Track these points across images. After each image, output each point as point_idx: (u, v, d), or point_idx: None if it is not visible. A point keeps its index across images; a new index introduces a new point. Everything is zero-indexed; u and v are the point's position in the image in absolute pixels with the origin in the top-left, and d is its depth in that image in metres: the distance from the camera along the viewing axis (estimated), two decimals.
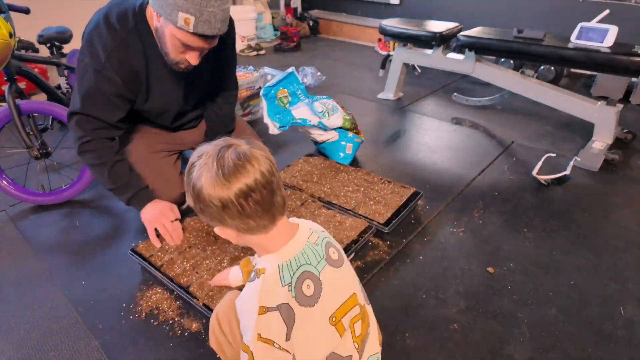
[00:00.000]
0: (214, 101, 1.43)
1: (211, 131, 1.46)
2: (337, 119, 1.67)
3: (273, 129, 1.64)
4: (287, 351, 0.65)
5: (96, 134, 1.18)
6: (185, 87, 1.28)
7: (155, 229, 1.21)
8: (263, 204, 0.64)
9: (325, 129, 1.69)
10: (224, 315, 0.78)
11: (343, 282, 0.73)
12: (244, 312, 0.70)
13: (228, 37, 1.18)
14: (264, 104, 1.65)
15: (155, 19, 1.07)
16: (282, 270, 0.66)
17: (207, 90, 1.38)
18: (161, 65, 1.17)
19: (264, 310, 0.64)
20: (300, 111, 1.66)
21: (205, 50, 1.09)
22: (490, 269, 1.13)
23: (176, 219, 1.25)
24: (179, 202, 1.41)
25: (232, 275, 1.00)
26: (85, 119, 1.15)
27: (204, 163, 0.64)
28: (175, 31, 1.02)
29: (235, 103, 1.50)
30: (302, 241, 0.70)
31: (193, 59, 1.09)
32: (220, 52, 1.22)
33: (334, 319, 0.69)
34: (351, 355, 0.71)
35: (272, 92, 1.67)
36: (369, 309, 0.80)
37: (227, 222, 0.66)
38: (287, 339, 0.65)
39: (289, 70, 1.63)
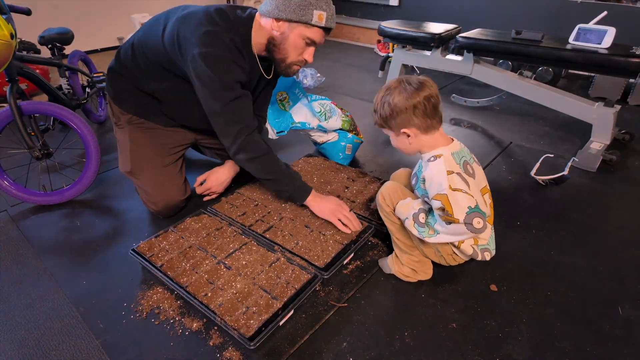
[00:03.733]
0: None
1: None
2: (336, 121, 1.68)
3: (271, 134, 1.65)
4: (471, 195, 0.95)
5: (255, 122, 1.25)
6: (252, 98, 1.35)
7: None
8: (436, 108, 1.01)
9: (325, 131, 1.70)
10: (387, 194, 1.13)
11: (481, 176, 1.07)
12: (434, 178, 0.99)
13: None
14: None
15: (274, 27, 1.17)
16: (454, 155, 1.01)
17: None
18: (252, 74, 1.28)
19: (450, 172, 0.97)
20: (300, 114, 1.67)
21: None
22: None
23: (350, 210, 1.36)
24: (180, 206, 1.43)
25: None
26: (240, 102, 1.20)
27: (394, 88, 1.01)
28: (305, 31, 1.17)
29: (262, 130, 1.57)
30: (457, 147, 1.05)
31: (311, 56, 1.24)
32: (273, 80, 1.40)
33: (481, 191, 1.04)
34: (489, 215, 1.06)
35: (272, 97, 1.68)
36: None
37: (413, 122, 1.00)
38: (469, 188, 0.96)
39: None
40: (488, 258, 1.07)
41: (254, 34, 1.22)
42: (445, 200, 0.95)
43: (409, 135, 1.03)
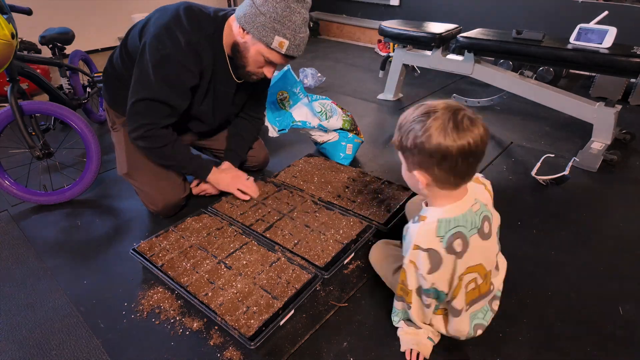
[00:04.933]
0: (243, 121, 1.54)
1: (233, 143, 1.54)
2: (336, 121, 1.68)
3: (272, 132, 1.65)
4: (426, 280, 0.81)
5: (165, 121, 1.24)
6: (232, 100, 1.39)
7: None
8: (470, 167, 0.78)
9: (325, 130, 1.70)
10: (376, 262, 1.12)
11: (482, 251, 0.85)
12: (406, 244, 0.86)
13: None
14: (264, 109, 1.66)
15: (239, 34, 1.16)
16: (440, 225, 0.80)
17: (241, 109, 1.52)
18: (222, 75, 1.28)
19: (416, 247, 0.81)
20: (300, 113, 1.67)
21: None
22: None
23: (247, 178, 1.43)
24: (181, 205, 1.43)
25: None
26: (158, 105, 1.19)
27: (437, 118, 0.75)
28: (264, 50, 1.15)
29: (259, 132, 1.61)
30: (466, 207, 0.83)
31: (270, 73, 1.23)
32: (263, 80, 1.34)
33: (461, 276, 0.82)
34: (462, 308, 0.87)
35: (273, 97, 1.68)
36: (494, 272, 0.94)
37: (433, 172, 0.79)
38: (430, 272, 0.80)
39: (284, 68, 1.63)
40: (477, 334, 0.93)
41: (225, 34, 1.22)
42: (402, 271, 0.86)
43: (421, 181, 0.83)
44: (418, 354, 0.94)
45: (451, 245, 0.79)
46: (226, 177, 1.42)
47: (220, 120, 1.45)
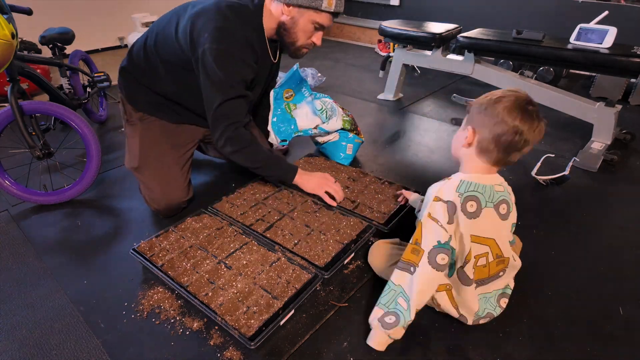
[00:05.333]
0: (262, 103, 1.62)
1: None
2: (337, 122, 1.68)
3: (274, 140, 1.65)
4: (446, 230, 0.88)
5: (245, 118, 1.28)
6: (265, 81, 1.45)
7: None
8: (510, 148, 0.86)
9: (326, 132, 1.70)
10: (375, 262, 1.15)
11: (495, 227, 0.92)
12: (427, 197, 0.94)
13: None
14: (271, 108, 1.66)
15: (284, 12, 1.24)
16: (462, 184, 0.90)
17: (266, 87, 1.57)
18: (263, 60, 1.33)
19: (437, 199, 0.89)
20: (302, 113, 1.67)
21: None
22: None
23: (335, 181, 1.45)
24: (182, 207, 1.43)
25: (413, 196, 1.36)
26: (237, 102, 1.24)
27: (517, 95, 0.86)
28: (315, 15, 1.22)
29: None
30: (490, 182, 0.91)
31: (319, 39, 1.30)
32: (278, 63, 1.45)
33: (472, 238, 0.90)
34: (472, 279, 0.94)
35: (280, 93, 1.68)
36: (511, 261, 0.99)
37: (484, 133, 0.88)
38: (449, 222, 0.88)
39: (293, 67, 1.64)
40: (482, 322, 1.00)
41: (265, 20, 1.28)
42: (418, 229, 0.91)
43: (469, 137, 0.91)
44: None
45: (465, 205, 0.88)
46: (314, 179, 1.40)
47: (253, 105, 1.50)
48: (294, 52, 1.33)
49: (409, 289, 0.90)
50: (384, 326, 0.91)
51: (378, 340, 0.94)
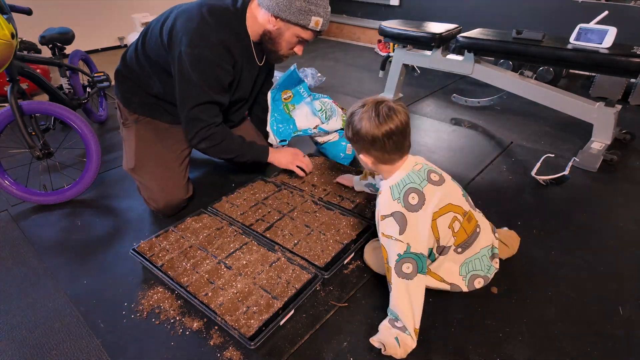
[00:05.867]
0: (258, 104, 1.66)
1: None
2: (336, 122, 1.68)
3: (273, 141, 1.65)
4: (401, 241, 0.93)
5: (217, 119, 1.32)
6: (254, 82, 1.48)
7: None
8: (397, 144, 0.96)
9: (326, 132, 1.70)
10: (370, 259, 1.18)
11: (442, 194, 0.98)
12: (377, 212, 1.00)
13: None
14: (269, 109, 1.66)
15: (270, 22, 1.25)
16: (393, 190, 0.97)
17: (260, 89, 1.61)
18: (247, 62, 1.36)
19: (382, 217, 0.96)
20: (302, 114, 1.66)
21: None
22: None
23: (304, 155, 1.55)
24: (182, 205, 1.43)
25: (353, 178, 1.44)
26: (209, 106, 1.28)
27: (365, 111, 0.96)
28: (301, 32, 1.26)
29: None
30: (407, 169, 0.99)
31: (301, 50, 1.35)
32: (266, 66, 1.46)
33: (434, 216, 0.96)
34: (451, 246, 1.01)
35: (277, 95, 1.68)
36: (477, 214, 1.09)
37: (372, 153, 0.99)
38: (401, 233, 0.93)
39: (291, 68, 1.64)
40: (478, 286, 1.06)
41: (249, 24, 1.29)
42: (383, 249, 0.98)
43: (367, 161, 1.03)
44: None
45: (408, 202, 0.94)
46: (286, 155, 1.51)
47: (248, 101, 1.53)
48: (275, 59, 1.39)
49: (393, 306, 0.95)
50: (392, 326, 0.94)
51: (385, 339, 0.93)
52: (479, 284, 1.05)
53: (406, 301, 0.93)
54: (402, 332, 0.92)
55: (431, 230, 0.97)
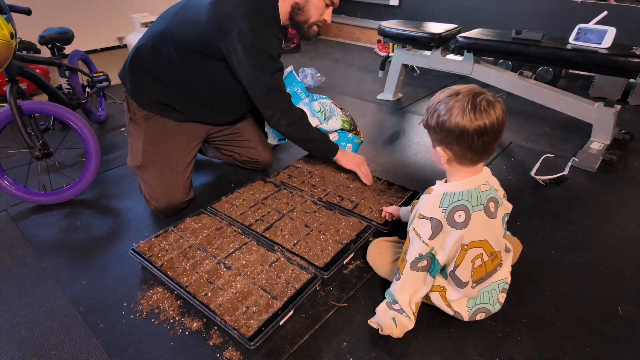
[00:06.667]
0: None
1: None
2: (335, 122, 1.68)
3: (272, 140, 1.65)
4: (427, 245, 0.90)
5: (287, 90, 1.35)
6: None
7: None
8: (485, 145, 0.85)
9: (325, 132, 1.70)
10: (373, 259, 1.17)
11: (486, 228, 0.91)
12: (415, 210, 0.96)
13: None
14: None
15: None
16: (445, 197, 0.90)
17: None
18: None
19: (420, 216, 0.92)
20: None
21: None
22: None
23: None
24: (182, 207, 1.43)
25: (400, 210, 1.32)
26: (281, 74, 1.32)
27: (458, 100, 0.83)
28: None
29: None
30: (474, 185, 0.90)
31: (330, 16, 1.37)
32: None
33: (465, 246, 0.91)
34: (468, 282, 0.96)
35: None
36: (504, 254, 1.01)
37: (453, 148, 0.88)
38: (431, 238, 0.89)
39: (287, 69, 1.63)
40: (479, 318, 1.01)
41: (280, 4, 1.31)
42: (407, 239, 0.96)
43: (443, 156, 0.92)
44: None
45: (452, 217, 0.88)
46: (355, 157, 1.53)
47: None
48: (306, 31, 1.39)
49: (394, 292, 0.97)
50: (390, 308, 0.96)
51: (382, 320, 0.95)
52: (480, 317, 1.01)
53: (411, 290, 0.95)
54: (399, 314, 0.94)
55: (456, 256, 0.93)
